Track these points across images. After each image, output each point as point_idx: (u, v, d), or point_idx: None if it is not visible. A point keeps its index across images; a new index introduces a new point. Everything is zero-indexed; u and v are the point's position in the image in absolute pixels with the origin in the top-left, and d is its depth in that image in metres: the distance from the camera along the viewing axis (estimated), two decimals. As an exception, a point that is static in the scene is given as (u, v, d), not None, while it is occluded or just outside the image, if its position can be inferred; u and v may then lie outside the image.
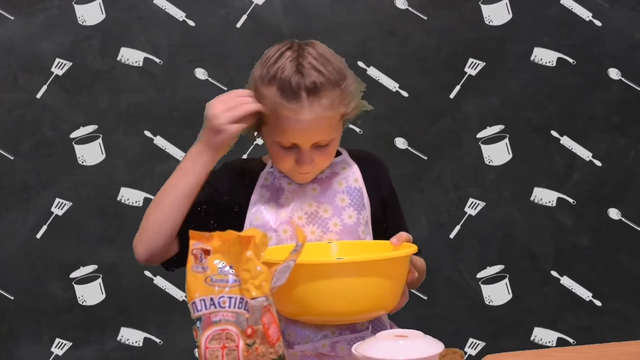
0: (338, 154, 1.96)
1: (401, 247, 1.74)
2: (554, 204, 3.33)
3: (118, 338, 3.25)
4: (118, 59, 3.22)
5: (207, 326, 1.41)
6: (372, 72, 3.26)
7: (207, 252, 1.43)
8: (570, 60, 3.31)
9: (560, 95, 3.32)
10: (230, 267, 1.43)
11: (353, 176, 1.92)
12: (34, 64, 3.20)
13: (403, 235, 1.75)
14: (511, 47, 3.31)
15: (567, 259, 3.34)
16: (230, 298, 1.41)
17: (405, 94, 3.27)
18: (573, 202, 3.33)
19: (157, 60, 3.23)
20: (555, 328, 3.34)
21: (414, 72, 3.29)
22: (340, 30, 3.25)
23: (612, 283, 3.34)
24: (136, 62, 3.22)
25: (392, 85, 3.27)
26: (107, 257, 3.23)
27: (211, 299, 1.41)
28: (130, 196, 3.23)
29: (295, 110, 1.75)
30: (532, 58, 3.31)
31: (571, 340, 3.32)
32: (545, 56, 3.31)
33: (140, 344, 3.25)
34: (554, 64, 3.31)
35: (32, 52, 3.20)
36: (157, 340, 3.26)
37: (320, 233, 1.86)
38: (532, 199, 3.32)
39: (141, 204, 3.22)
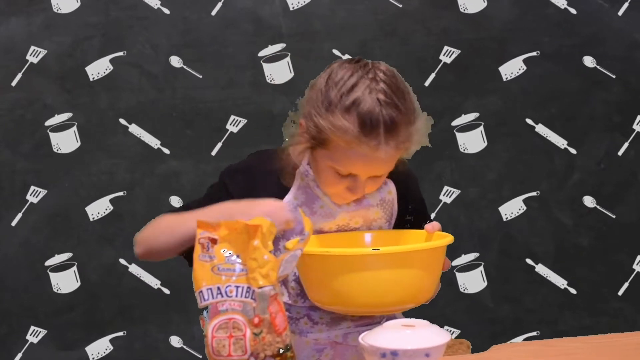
0: None
1: (434, 235, 1.73)
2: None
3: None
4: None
5: (214, 315, 1.41)
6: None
7: (214, 241, 1.43)
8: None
9: (560, 95, 3.32)
10: (237, 256, 1.43)
11: (387, 188, 1.89)
12: (34, 64, 3.20)
13: (437, 224, 1.74)
14: (512, 47, 3.31)
15: (567, 258, 3.34)
16: (237, 287, 1.41)
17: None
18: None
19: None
20: (555, 329, 3.34)
21: (414, 72, 3.29)
22: (340, 30, 3.26)
23: (612, 283, 3.35)
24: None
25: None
26: (107, 257, 3.23)
27: (218, 288, 1.41)
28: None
29: (372, 147, 1.67)
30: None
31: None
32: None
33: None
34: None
35: (32, 52, 3.20)
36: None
37: None
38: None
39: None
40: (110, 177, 3.23)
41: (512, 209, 3.33)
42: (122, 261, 3.24)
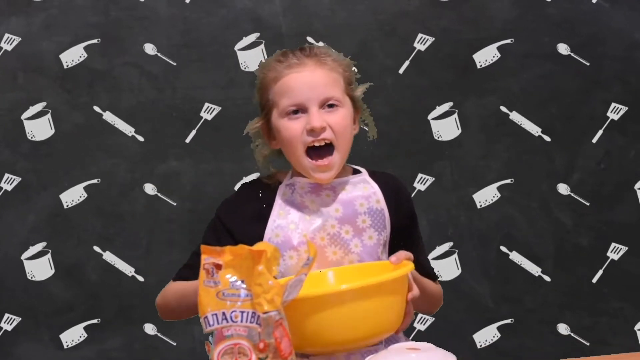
0: (357, 172, 1.95)
1: (401, 265, 1.72)
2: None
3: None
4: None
5: (220, 341, 1.41)
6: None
7: (218, 267, 1.43)
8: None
9: (560, 96, 3.32)
10: (242, 282, 1.43)
11: (375, 197, 1.91)
12: (34, 64, 3.20)
13: (402, 253, 1.74)
14: (511, 47, 3.31)
15: (567, 258, 3.34)
16: (242, 312, 1.41)
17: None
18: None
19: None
20: (555, 329, 3.35)
21: (414, 72, 3.29)
22: (340, 30, 3.25)
23: (612, 283, 3.35)
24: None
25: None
26: (106, 257, 3.23)
27: (223, 313, 1.42)
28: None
29: (295, 66, 1.84)
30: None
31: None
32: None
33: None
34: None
35: (32, 52, 3.19)
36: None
37: (342, 254, 1.86)
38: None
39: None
40: (111, 176, 3.24)
41: (486, 196, 3.33)
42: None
